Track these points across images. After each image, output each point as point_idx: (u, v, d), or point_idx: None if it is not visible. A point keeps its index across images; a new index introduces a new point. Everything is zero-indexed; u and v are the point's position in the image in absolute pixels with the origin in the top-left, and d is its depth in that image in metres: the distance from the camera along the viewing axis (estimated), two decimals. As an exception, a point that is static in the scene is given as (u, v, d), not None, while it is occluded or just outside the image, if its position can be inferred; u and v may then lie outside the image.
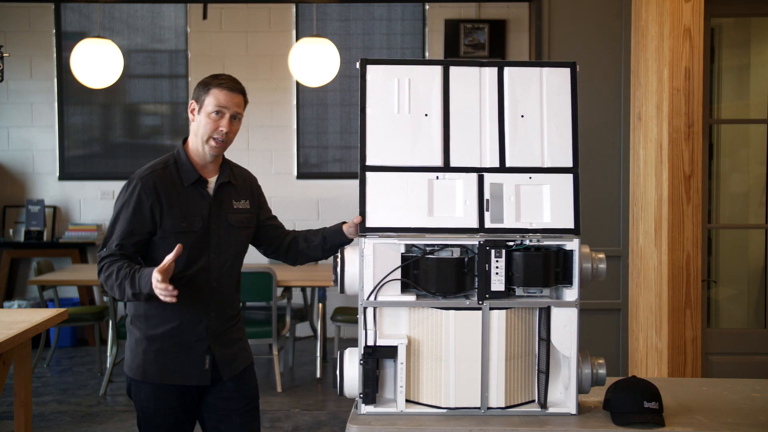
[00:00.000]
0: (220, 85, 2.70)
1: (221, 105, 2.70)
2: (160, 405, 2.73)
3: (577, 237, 2.54)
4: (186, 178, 2.75)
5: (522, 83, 2.61)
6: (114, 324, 5.72)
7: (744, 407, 2.65)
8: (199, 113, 2.71)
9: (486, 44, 7.44)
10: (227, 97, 2.70)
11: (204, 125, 2.71)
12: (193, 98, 2.73)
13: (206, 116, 2.70)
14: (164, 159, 2.78)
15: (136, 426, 4.99)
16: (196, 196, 2.76)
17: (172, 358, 2.72)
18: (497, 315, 2.52)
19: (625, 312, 4.54)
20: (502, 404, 2.54)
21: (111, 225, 2.68)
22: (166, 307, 2.67)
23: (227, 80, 2.73)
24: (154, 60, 7.69)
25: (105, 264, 2.63)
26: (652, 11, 4.03)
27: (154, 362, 2.71)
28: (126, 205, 2.66)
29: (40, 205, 7.28)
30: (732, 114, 4.45)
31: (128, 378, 2.79)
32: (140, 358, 2.72)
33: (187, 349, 2.74)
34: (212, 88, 2.70)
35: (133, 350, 2.75)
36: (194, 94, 2.74)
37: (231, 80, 2.74)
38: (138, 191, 2.65)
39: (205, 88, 2.71)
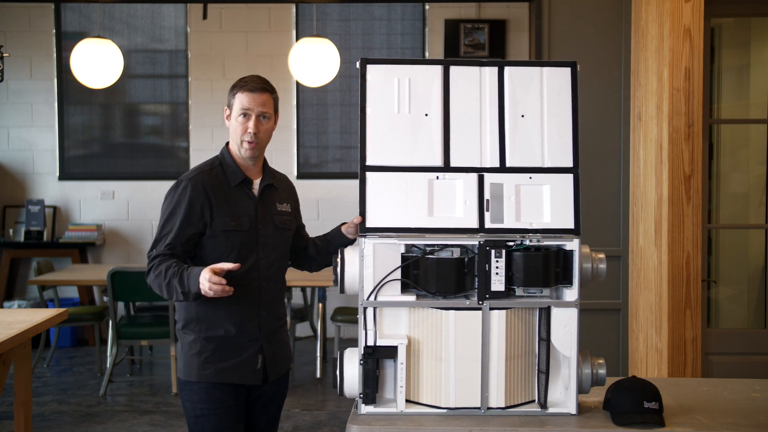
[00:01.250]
0: (243, 88, 2.74)
1: (245, 107, 2.73)
2: (215, 405, 2.71)
3: (577, 237, 2.54)
4: (232, 178, 2.80)
5: (522, 83, 2.61)
6: (114, 324, 5.72)
7: (744, 407, 2.65)
8: (231, 118, 2.78)
9: (486, 44, 7.44)
10: (250, 98, 2.73)
11: (234, 129, 2.77)
12: (227, 104, 2.80)
13: (235, 120, 2.76)
14: (209, 162, 2.84)
15: (136, 426, 5.01)
16: (242, 196, 2.80)
17: (227, 358, 2.73)
18: (497, 315, 2.52)
19: (625, 312, 4.54)
20: (502, 404, 2.54)
21: (161, 227, 2.70)
22: (219, 308, 2.69)
23: (251, 81, 2.76)
24: (154, 60, 7.69)
25: (154, 264, 2.65)
26: (652, 11, 4.03)
27: (210, 363, 2.71)
28: (177, 206, 2.69)
29: (40, 205, 7.28)
30: (732, 114, 4.45)
31: (181, 381, 2.77)
32: (195, 360, 2.71)
33: (241, 349, 2.75)
34: (237, 92, 2.74)
35: (187, 354, 2.74)
36: (227, 100, 2.80)
37: (255, 80, 2.77)
38: (189, 192, 2.70)
39: (232, 92, 2.77)
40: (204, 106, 7.55)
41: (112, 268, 5.67)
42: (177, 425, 5.05)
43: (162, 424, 5.08)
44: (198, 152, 7.56)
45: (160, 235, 2.70)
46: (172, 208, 2.71)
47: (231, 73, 7.51)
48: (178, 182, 2.74)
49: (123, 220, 7.56)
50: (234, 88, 2.77)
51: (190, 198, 2.70)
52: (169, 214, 2.70)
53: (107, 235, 7.55)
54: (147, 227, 7.57)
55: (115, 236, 7.57)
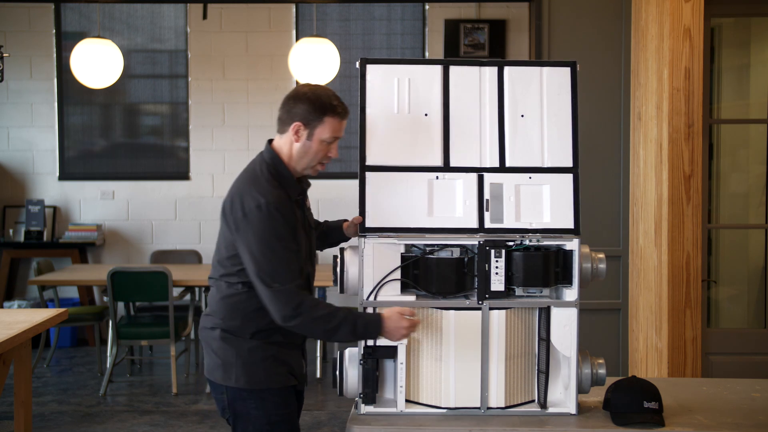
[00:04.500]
0: (334, 113, 2.53)
1: (336, 134, 2.56)
2: (288, 409, 2.60)
3: (577, 237, 2.54)
4: (292, 192, 2.59)
5: (522, 83, 2.61)
6: (114, 324, 5.72)
7: (744, 407, 2.65)
8: (309, 138, 2.53)
9: (486, 44, 7.44)
10: (340, 126, 2.56)
11: (314, 152, 2.54)
12: (302, 120, 2.52)
13: (318, 143, 2.54)
14: (264, 176, 2.53)
15: (136, 426, 5.01)
16: (297, 209, 2.63)
17: (287, 363, 2.60)
18: (497, 315, 2.52)
19: (625, 312, 4.54)
20: (502, 404, 2.54)
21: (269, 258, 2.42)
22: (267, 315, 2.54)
23: (340, 106, 2.55)
24: (154, 60, 7.69)
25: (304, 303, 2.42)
26: (652, 11, 4.02)
27: (277, 368, 2.57)
28: (273, 231, 2.44)
29: (40, 205, 7.28)
30: (732, 114, 4.45)
31: (242, 391, 2.54)
32: (260, 365, 2.54)
33: (293, 354, 2.64)
34: (328, 116, 2.52)
35: (246, 361, 2.53)
36: (302, 115, 2.52)
37: (343, 105, 2.57)
38: (275, 213, 2.45)
39: (320, 114, 2.52)
40: (204, 106, 7.55)
41: (112, 268, 5.66)
42: (177, 425, 5.05)
43: (162, 424, 5.08)
44: (198, 152, 7.56)
45: (274, 266, 2.42)
46: (269, 235, 2.44)
47: (231, 73, 7.51)
48: (258, 206, 2.43)
49: (123, 220, 7.56)
50: (323, 111, 2.52)
51: (281, 218, 2.46)
52: (270, 241, 2.43)
53: (107, 235, 7.55)
54: (147, 227, 7.57)
55: (115, 236, 7.56)
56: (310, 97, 2.53)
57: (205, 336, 2.63)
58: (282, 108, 2.60)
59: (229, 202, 2.52)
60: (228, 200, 2.52)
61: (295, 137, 2.55)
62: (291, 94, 2.59)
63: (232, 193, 2.53)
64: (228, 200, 2.52)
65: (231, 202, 2.50)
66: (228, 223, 2.51)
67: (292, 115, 2.55)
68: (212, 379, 2.60)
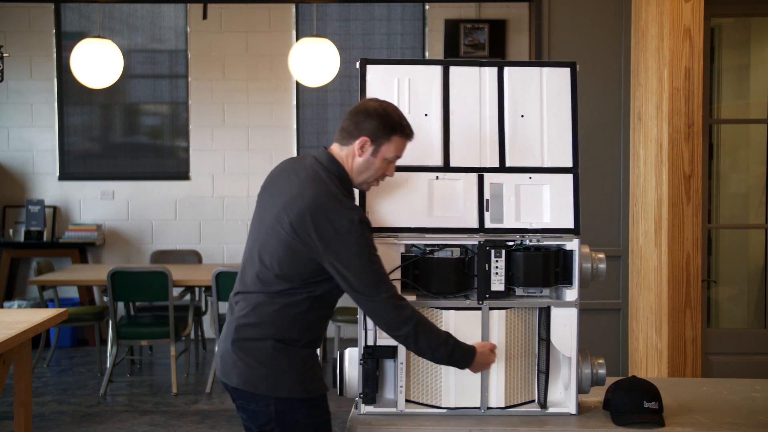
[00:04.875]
0: (403, 133, 2.50)
1: (399, 153, 2.53)
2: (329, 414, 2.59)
3: (577, 237, 2.54)
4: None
5: (522, 83, 2.61)
6: (114, 324, 5.72)
7: (744, 407, 2.65)
8: (373, 155, 2.48)
9: (486, 44, 7.44)
10: (405, 145, 2.53)
11: (376, 168, 2.50)
12: (369, 135, 2.47)
13: (381, 160, 2.50)
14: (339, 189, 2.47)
15: (136, 426, 5.01)
16: None
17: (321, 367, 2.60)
18: (497, 315, 2.52)
19: (625, 312, 4.54)
20: (502, 404, 2.54)
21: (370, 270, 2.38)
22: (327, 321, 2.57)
23: (409, 127, 2.50)
24: (154, 60, 7.69)
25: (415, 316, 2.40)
26: (652, 11, 4.03)
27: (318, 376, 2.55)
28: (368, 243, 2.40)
29: (40, 205, 7.28)
30: (732, 114, 4.45)
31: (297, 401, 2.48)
32: (310, 374, 2.51)
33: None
34: (397, 135, 2.48)
35: (300, 370, 2.48)
36: (371, 131, 2.47)
37: (410, 126, 2.53)
38: (365, 227, 2.42)
39: (389, 132, 2.48)
40: (204, 106, 7.55)
41: (112, 268, 5.67)
42: (177, 425, 5.05)
43: (162, 424, 5.08)
44: (198, 152, 7.56)
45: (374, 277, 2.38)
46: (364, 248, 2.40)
47: (231, 73, 7.51)
48: (351, 221, 2.38)
49: (123, 220, 7.57)
50: (392, 130, 2.47)
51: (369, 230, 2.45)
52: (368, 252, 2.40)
53: (107, 235, 7.55)
54: (147, 227, 7.58)
55: (115, 236, 7.57)
56: (381, 114, 2.47)
57: (248, 347, 2.47)
58: (349, 120, 2.51)
59: (308, 219, 2.39)
60: (302, 217, 2.40)
61: (359, 151, 2.49)
62: (360, 108, 2.51)
63: (305, 208, 2.40)
64: (302, 217, 2.40)
65: (312, 220, 2.39)
66: (309, 241, 2.39)
67: (360, 129, 2.48)
68: (254, 390, 2.47)
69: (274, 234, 2.45)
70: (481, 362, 2.46)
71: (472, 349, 2.44)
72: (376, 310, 2.39)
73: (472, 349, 2.44)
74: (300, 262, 2.42)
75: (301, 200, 2.42)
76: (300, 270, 2.43)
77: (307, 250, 2.40)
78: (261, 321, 2.46)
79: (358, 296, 2.39)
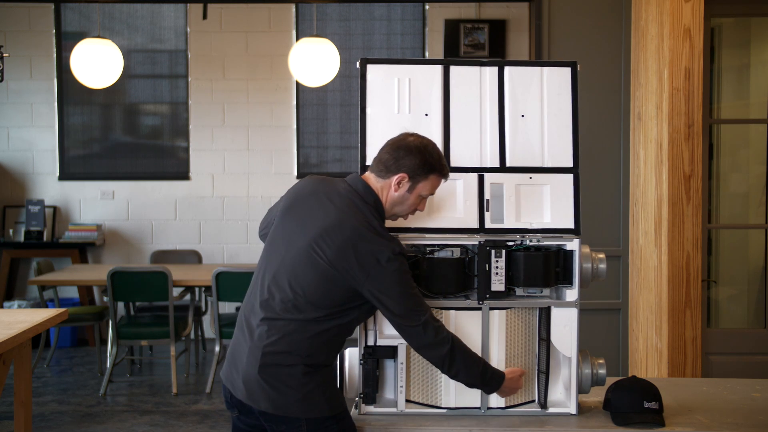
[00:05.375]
0: (441, 174, 2.52)
1: (433, 191, 2.55)
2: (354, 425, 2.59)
3: (577, 237, 2.54)
4: None
5: (522, 83, 2.61)
6: (114, 324, 5.72)
7: (744, 407, 2.65)
8: (410, 191, 2.50)
9: (486, 44, 7.44)
10: (440, 183, 2.55)
11: (410, 204, 2.52)
12: (408, 172, 2.47)
13: (416, 197, 2.51)
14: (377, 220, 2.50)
15: (136, 426, 5.01)
16: None
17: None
18: (497, 315, 2.52)
19: (625, 312, 4.54)
20: (502, 404, 2.55)
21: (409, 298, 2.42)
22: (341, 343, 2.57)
23: (446, 168, 2.54)
24: (154, 60, 7.69)
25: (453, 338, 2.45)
26: (652, 11, 4.03)
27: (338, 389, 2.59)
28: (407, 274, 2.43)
29: (40, 205, 7.28)
30: (732, 114, 4.45)
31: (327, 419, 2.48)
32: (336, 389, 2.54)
33: None
34: (435, 174, 2.50)
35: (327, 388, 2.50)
36: (410, 168, 2.47)
37: (447, 167, 2.56)
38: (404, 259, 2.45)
39: (427, 171, 2.50)
40: (204, 106, 7.55)
41: (112, 268, 5.67)
42: (177, 425, 5.05)
43: (162, 424, 5.08)
44: (198, 152, 7.56)
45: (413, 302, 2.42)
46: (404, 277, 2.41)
47: (231, 73, 7.51)
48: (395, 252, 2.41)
49: (123, 220, 7.57)
50: (431, 168, 2.49)
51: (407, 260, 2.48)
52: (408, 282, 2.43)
53: (107, 235, 7.55)
54: (147, 227, 7.58)
55: (115, 236, 7.57)
56: (423, 153, 2.48)
57: (277, 373, 2.45)
58: (389, 153, 2.50)
59: (349, 250, 2.40)
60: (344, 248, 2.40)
61: (395, 186, 2.49)
62: (402, 143, 2.50)
63: (346, 240, 2.41)
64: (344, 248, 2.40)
65: (354, 252, 2.40)
66: (349, 271, 2.40)
67: (399, 165, 2.48)
68: (286, 414, 2.45)
69: (308, 262, 2.43)
70: (511, 387, 2.51)
71: (501, 374, 2.49)
72: (416, 335, 2.41)
73: (501, 375, 2.49)
74: (335, 291, 2.43)
75: (341, 231, 2.41)
76: (334, 298, 2.43)
77: (345, 280, 2.40)
78: (292, 349, 2.44)
79: (398, 321, 2.42)
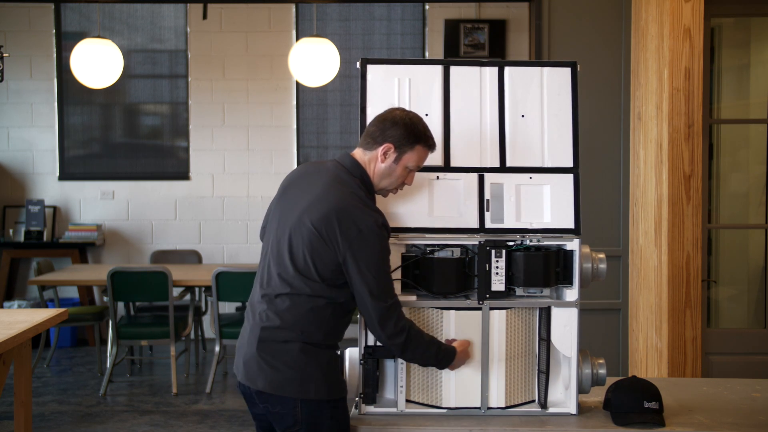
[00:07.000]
0: (426, 144, 2.53)
1: (420, 163, 2.56)
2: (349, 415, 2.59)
3: (577, 237, 2.54)
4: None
5: (522, 83, 2.61)
6: (114, 324, 5.72)
7: (744, 407, 2.65)
8: (396, 162, 2.52)
9: (486, 44, 7.44)
10: (426, 155, 2.56)
11: (397, 176, 2.53)
12: (393, 142, 2.50)
13: (402, 168, 2.52)
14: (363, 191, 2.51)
15: (136, 426, 5.01)
16: None
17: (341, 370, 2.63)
18: (497, 315, 2.52)
19: (625, 312, 4.54)
20: (502, 404, 2.54)
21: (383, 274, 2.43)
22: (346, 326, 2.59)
23: (432, 138, 2.54)
24: (154, 60, 7.69)
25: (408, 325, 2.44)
26: (652, 11, 4.03)
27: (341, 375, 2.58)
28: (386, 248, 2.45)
29: (40, 205, 7.28)
30: (732, 114, 4.45)
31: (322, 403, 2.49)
32: (336, 375, 2.54)
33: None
34: (420, 145, 2.51)
35: (326, 372, 2.50)
36: (396, 138, 2.50)
37: (433, 137, 2.57)
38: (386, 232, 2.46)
39: (413, 141, 2.51)
40: (204, 106, 7.55)
41: (112, 268, 5.67)
42: (177, 425, 5.05)
43: (162, 424, 5.08)
44: (198, 152, 7.56)
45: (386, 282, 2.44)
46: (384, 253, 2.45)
47: (231, 73, 7.51)
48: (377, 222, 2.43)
49: (123, 220, 7.57)
50: (417, 139, 2.50)
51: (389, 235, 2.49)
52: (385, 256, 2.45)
53: (107, 235, 7.55)
54: (147, 227, 7.58)
55: (115, 236, 7.57)
56: (407, 123, 2.51)
57: (274, 349, 2.48)
58: (375, 126, 2.54)
59: (333, 219, 2.42)
60: (328, 217, 2.42)
61: (382, 157, 2.52)
62: (387, 115, 2.54)
63: (331, 209, 2.43)
64: (328, 217, 2.42)
65: (338, 220, 2.41)
66: (332, 240, 2.42)
67: (385, 136, 2.51)
68: (281, 393, 2.47)
69: (298, 234, 2.47)
70: (461, 360, 2.52)
71: (453, 349, 2.51)
72: (379, 314, 2.41)
73: (453, 350, 2.51)
74: (321, 264, 2.44)
75: (326, 202, 2.44)
76: (322, 272, 2.44)
77: (330, 250, 2.42)
78: (286, 324, 2.47)
79: (365, 297, 2.41)
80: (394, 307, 2.42)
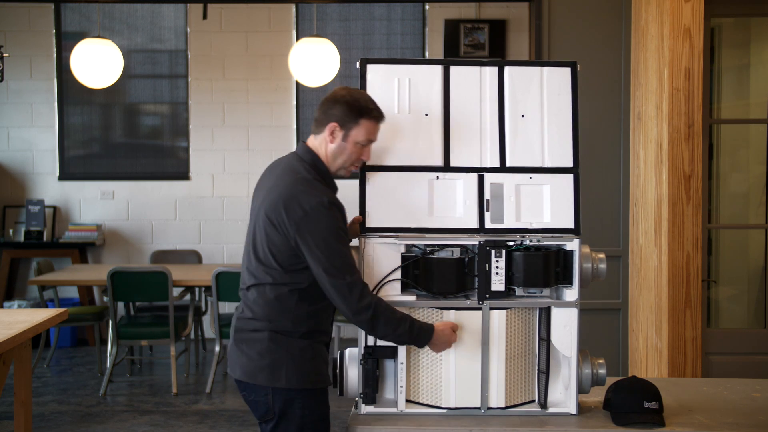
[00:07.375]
0: (371, 116, 2.52)
1: (372, 137, 2.54)
2: (327, 407, 2.61)
3: (577, 237, 2.54)
4: (333, 190, 2.62)
5: (522, 83, 2.61)
6: (114, 324, 5.72)
7: (744, 407, 2.65)
8: (344, 139, 2.54)
9: (486, 44, 7.44)
10: (376, 128, 2.56)
11: (348, 153, 2.55)
12: (338, 121, 2.53)
13: (352, 145, 2.54)
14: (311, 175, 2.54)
15: (136, 426, 5.01)
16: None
17: (328, 360, 2.63)
18: (497, 315, 2.52)
19: (625, 312, 4.54)
20: (502, 404, 2.54)
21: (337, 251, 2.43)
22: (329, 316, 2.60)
23: (377, 110, 2.54)
24: (154, 60, 7.69)
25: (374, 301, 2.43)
26: (652, 11, 4.03)
27: (322, 365, 2.58)
28: (337, 225, 2.46)
29: (40, 205, 7.28)
30: (732, 114, 4.45)
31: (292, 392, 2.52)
32: (310, 365, 2.54)
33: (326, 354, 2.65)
34: (363, 119, 2.51)
35: (297, 361, 2.52)
36: (339, 117, 2.53)
37: (378, 108, 2.56)
38: (335, 210, 2.49)
39: (356, 116, 2.52)
40: (204, 106, 7.55)
41: (112, 268, 5.67)
42: (177, 425, 5.05)
43: (162, 424, 5.08)
44: (198, 152, 7.56)
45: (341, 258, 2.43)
46: (333, 231, 2.45)
47: (231, 73, 7.51)
48: (321, 203, 2.45)
49: (123, 220, 7.57)
50: (359, 114, 2.51)
51: (340, 213, 2.51)
52: (336, 232, 2.45)
53: (107, 235, 7.55)
54: (147, 227, 7.58)
55: (115, 236, 7.57)
56: (348, 100, 2.54)
57: (246, 338, 2.55)
58: (319, 109, 2.61)
59: (280, 205, 2.46)
60: (276, 204, 2.47)
61: (330, 138, 2.57)
62: (329, 96, 2.59)
63: (278, 196, 2.48)
64: (276, 204, 2.47)
65: (284, 206, 2.46)
66: (282, 226, 2.46)
67: (328, 116, 2.57)
68: (253, 381, 2.53)
69: (259, 228, 2.55)
70: (443, 341, 2.50)
71: (430, 327, 2.49)
72: (340, 292, 2.43)
73: (430, 327, 2.49)
74: (276, 250, 2.50)
75: (275, 191, 2.52)
76: (280, 259, 2.50)
77: (282, 236, 2.48)
78: (255, 315, 2.56)
79: (323, 276, 2.44)
80: (355, 284, 2.43)
